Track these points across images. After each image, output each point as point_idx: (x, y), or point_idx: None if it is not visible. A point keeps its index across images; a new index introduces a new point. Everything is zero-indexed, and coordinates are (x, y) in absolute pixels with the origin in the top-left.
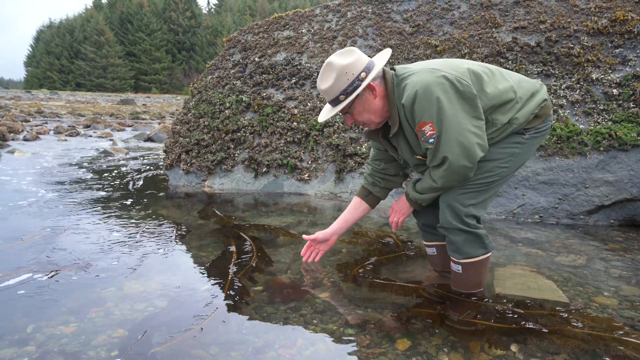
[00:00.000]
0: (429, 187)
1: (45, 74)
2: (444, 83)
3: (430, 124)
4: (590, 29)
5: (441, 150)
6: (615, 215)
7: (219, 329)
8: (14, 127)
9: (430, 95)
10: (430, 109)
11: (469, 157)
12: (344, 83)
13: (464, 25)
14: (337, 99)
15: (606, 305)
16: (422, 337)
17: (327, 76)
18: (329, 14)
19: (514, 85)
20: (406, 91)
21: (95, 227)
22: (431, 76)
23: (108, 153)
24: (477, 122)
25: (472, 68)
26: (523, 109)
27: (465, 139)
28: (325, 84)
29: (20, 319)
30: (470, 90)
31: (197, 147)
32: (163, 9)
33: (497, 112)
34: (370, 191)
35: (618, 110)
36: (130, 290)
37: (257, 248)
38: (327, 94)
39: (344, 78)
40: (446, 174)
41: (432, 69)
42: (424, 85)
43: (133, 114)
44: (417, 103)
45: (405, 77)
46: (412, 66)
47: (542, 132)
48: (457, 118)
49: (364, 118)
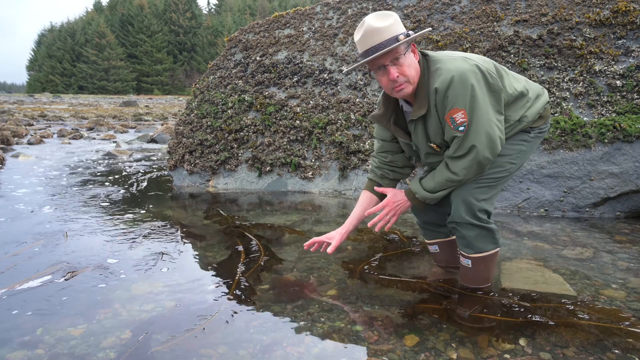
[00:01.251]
0: (445, 181)
1: (48, 78)
2: (477, 72)
3: (462, 112)
4: (592, 20)
5: (470, 139)
6: (621, 207)
7: (227, 328)
8: (18, 131)
9: (465, 83)
10: (464, 96)
11: (492, 150)
12: (401, 28)
13: (465, 20)
14: (394, 39)
15: (614, 298)
16: (429, 332)
17: (382, 18)
18: (329, 11)
19: (525, 85)
20: (440, 76)
21: (102, 229)
22: (466, 64)
23: (112, 155)
24: (499, 117)
25: (494, 63)
26: (532, 108)
27: (492, 131)
28: (384, 23)
29: (30, 321)
30: (498, 84)
31: (201, 147)
32: (163, 10)
33: (510, 109)
34: (380, 184)
35: (622, 101)
36: (137, 292)
37: (262, 247)
38: (382, 33)
39: (399, 25)
40: (471, 165)
41: (465, 58)
42: (460, 72)
43: (136, 116)
44: (451, 89)
45: (437, 61)
46: (441, 54)
47: (543, 133)
48: (487, 109)
49: (411, 73)
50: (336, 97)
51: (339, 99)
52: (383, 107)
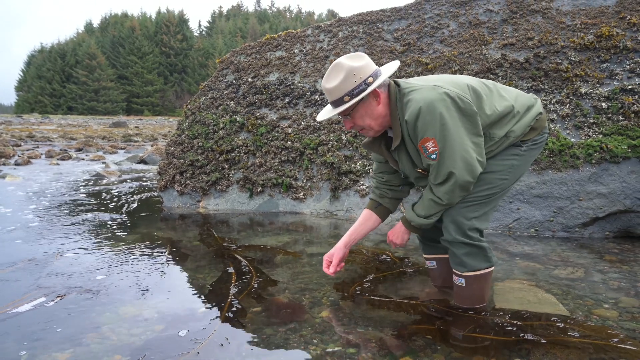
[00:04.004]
0: (433, 206)
1: (37, 98)
2: (445, 100)
3: (433, 140)
4: (577, 44)
5: (445, 166)
6: (610, 227)
7: (218, 352)
8: (5, 152)
9: (433, 112)
10: (433, 126)
11: (472, 172)
12: (351, 84)
13: (454, 43)
14: (340, 100)
15: (606, 318)
16: (424, 354)
17: (334, 76)
18: (320, 34)
19: (511, 100)
20: (409, 107)
21: (90, 250)
22: (434, 93)
23: (100, 176)
24: (476, 139)
25: (471, 84)
26: (519, 122)
27: (468, 154)
28: (331, 83)
29: (14, 346)
30: (471, 108)
31: (192, 168)
32: (154, 32)
33: (494, 127)
34: (380, 202)
35: (608, 123)
36: (126, 315)
37: (254, 268)
38: (331, 94)
39: (351, 79)
40: (452, 189)
41: (434, 86)
42: (427, 102)
43: (125, 137)
44: (420, 119)
45: (408, 92)
46: (414, 81)
47: (538, 144)
48: (459, 134)
49: (364, 122)
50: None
51: (330, 120)
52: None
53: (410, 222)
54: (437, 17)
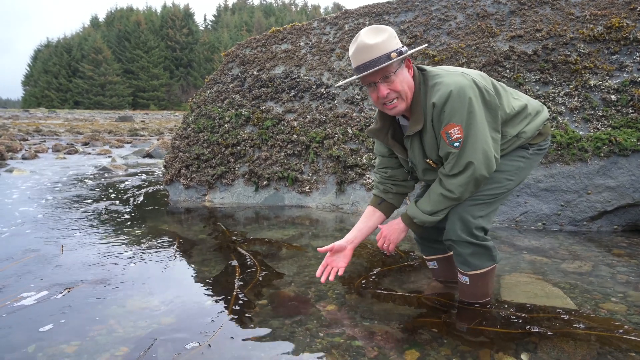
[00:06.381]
0: (442, 201)
1: (43, 93)
2: (475, 88)
3: (458, 127)
4: (586, 36)
5: (466, 156)
6: (619, 221)
7: (225, 345)
8: (12, 146)
9: (463, 98)
10: (461, 112)
11: (488, 167)
12: (394, 44)
13: (461, 35)
14: (385, 57)
15: (614, 312)
16: (430, 347)
17: (375, 34)
18: (326, 26)
19: (525, 100)
20: (439, 91)
21: (96, 244)
22: (464, 79)
23: (107, 170)
24: (495, 134)
25: (491, 79)
26: (531, 124)
27: (489, 148)
28: (375, 40)
29: (22, 338)
30: (495, 101)
31: (197, 161)
32: (160, 26)
33: (508, 125)
34: (384, 198)
35: (617, 115)
36: (132, 307)
37: (259, 262)
38: (372, 51)
39: (394, 40)
40: (468, 182)
41: (463, 73)
42: (458, 87)
43: (131, 131)
44: (449, 103)
45: (435, 76)
46: (439, 69)
47: (542, 150)
48: (484, 125)
49: (403, 88)
50: (333, 111)
51: (336, 114)
52: (380, 121)
53: (413, 219)
54: (444, 8)
